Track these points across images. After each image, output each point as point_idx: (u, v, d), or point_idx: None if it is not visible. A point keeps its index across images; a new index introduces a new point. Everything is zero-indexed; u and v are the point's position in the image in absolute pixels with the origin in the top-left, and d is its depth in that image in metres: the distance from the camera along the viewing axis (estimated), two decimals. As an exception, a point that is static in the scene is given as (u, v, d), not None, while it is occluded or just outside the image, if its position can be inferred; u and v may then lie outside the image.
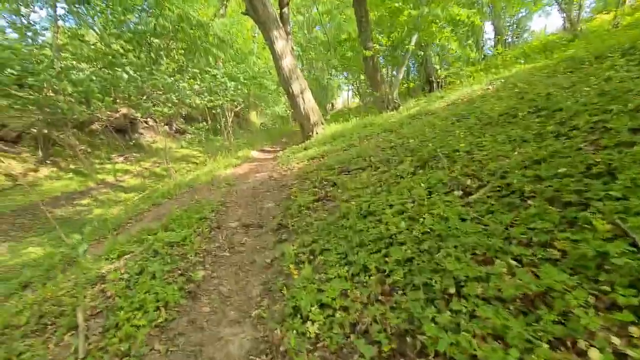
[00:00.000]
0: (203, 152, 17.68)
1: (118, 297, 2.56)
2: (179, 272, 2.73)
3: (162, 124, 19.27)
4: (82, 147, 15.35)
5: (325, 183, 4.00)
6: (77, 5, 15.27)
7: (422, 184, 2.85)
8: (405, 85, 13.34)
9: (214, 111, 13.14)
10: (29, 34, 14.47)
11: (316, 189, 3.88)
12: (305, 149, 7.19)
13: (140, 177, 14.31)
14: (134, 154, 16.40)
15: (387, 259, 2.13)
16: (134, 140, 17.15)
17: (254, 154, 8.90)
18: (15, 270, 7.33)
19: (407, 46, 8.72)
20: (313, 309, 1.93)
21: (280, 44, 8.05)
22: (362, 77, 24.98)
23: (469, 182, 2.58)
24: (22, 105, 12.84)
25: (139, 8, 16.74)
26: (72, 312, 2.50)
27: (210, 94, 13.45)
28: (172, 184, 6.45)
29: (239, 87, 12.41)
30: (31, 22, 14.63)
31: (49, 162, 13.66)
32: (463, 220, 2.12)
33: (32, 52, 12.23)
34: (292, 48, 8.39)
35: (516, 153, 2.69)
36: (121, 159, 15.78)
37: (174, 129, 19.74)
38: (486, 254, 1.82)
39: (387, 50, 10.00)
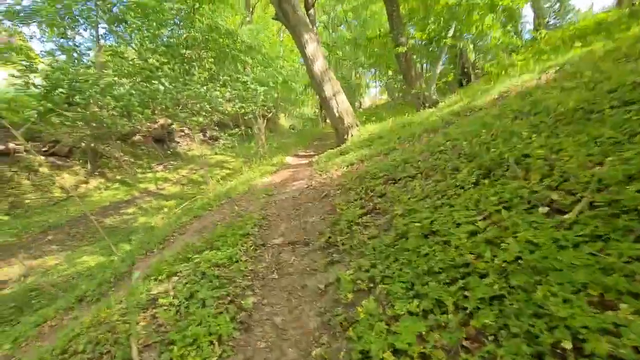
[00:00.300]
0: (236, 157, 18.01)
1: (169, 325, 2.47)
2: (229, 298, 2.58)
3: (197, 131, 19.89)
4: (126, 158, 16.18)
5: (371, 194, 3.71)
6: (116, 25, 16.10)
7: (492, 197, 2.49)
8: (443, 79, 12.63)
9: (245, 117, 13.24)
10: (75, 55, 15.45)
11: (362, 201, 3.61)
12: (341, 153, 6.94)
13: (178, 185, 14.77)
14: (172, 162, 17.02)
15: (466, 293, 1.82)
16: (172, 149, 17.83)
17: (289, 159, 8.81)
18: (71, 280, 7.77)
19: (444, 39, 8.15)
20: (385, 355, 1.67)
21: (311, 48, 7.88)
22: (391, 72, 24.26)
23: (555, 196, 2.18)
24: (72, 122, 13.77)
25: (171, 22, 17.37)
26: (126, 340, 2.44)
27: (242, 100, 13.59)
28: (211, 195, 6.50)
29: (269, 91, 12.40)
30: (76, 43, 15.60)
31: (97, 173, 14.50)
32: (561, 247, 1.76)
33: (79, 71, 12.94)
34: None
35: (611, 159, 2.25)
36: (160, 167, 16.43)
37: (207, 136, 20.28)
38: (605, 296, 1.46)
39: (422, 45, 9.44)
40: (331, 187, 4.66)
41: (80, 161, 14.61)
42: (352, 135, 8.23)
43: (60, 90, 11.52)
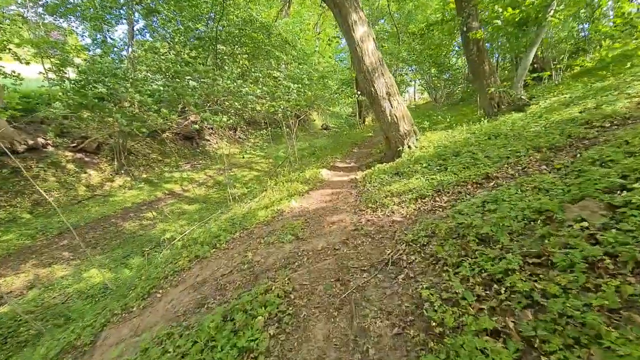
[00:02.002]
0: (265, 158, 16.56)
1: None
2: None
3: (227, 129, 18.71)
4: (154, 156, 15.27)
5: (488, 279, 1.79)
6: (150, 18, 15.12)
7: None
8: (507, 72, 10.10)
9: (274, 116, 11.62)
10: (114, 50, 14.69)
11: (477, 298, 1.70)
12: (398, 173, 5.06)
13: (204, 186, 13.51)
14: (200, 161, 15.89)
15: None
16: (201, 147, 16.74)
17: (324, 173, 6.88)
18: (68, 303, 6.54)
19: (543, 21, 5.75)
20: None
21: (360, 31, 5.96)
22: (434, 70, 21.58)
23: None
24: (101, 117, 12.96)
25: (206, 17, 16.18)
26: None
27: (273, 98, 12.03)
28: (223, 220, 4.89)
29: (302, 89, 10.65)
30: (112, 37, 14.82)
31: (123, 172, 13.63)
32: None
33: (110, 65, 12.05)
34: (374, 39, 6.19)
35: None
36: (188, 166, 15.37)
37: (237, 134, 19.05)
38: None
39: (506, 28, 7.00)
40: (397, 241, 2.79)
41: (108, 158, 13.81)
42: (409, 147, 6.20)
43: (92, 84, 10.70)
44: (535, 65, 12.08)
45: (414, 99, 30.99)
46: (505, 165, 3.55)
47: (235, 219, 4.72)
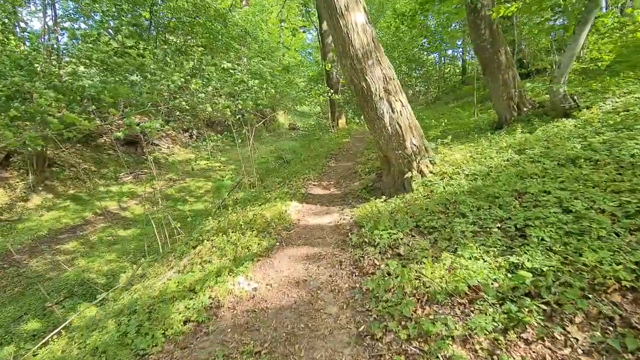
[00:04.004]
0: (225, 164, 14.23)
1: None
2: None
3: (180, 132, 16.08)
4: (86, 166, 12.37)
5: None
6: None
7: None
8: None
9: (227, 119, 9.44)
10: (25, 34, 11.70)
11: None
12: (417, 226, 3.12)
13: (149, 203, 10.95)
14: (146, 171, 13.18)
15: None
16: (147, 154, 14.00)
17: (294, 210, 4.81)
18: None
19: None
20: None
21: (343, -2, 3.97)
22: (404, 67, 20.28)
23: None
24: (10, 121, 9.97)
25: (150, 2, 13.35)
26: None
27: (228, 97, 9.85)
28: (107, 335, 2.77)
29: (262, 85, 8.58)
30: (25, 20, 11.68)
31: (42, 187, 10.70)
32: None
33: (29, 57, 9.27)
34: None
35: None
36: (130, 177, 12.64)
37: (194, 137, 16.46)
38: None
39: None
40: None
41: (21, 171, 10.76)
42: (421, 174, 4.13)
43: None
44: (524, 60, 10.92)
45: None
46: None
47: (130, 323, 2.58)
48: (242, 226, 3.77)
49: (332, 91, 11.33)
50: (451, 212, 3.10)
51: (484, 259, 2.37)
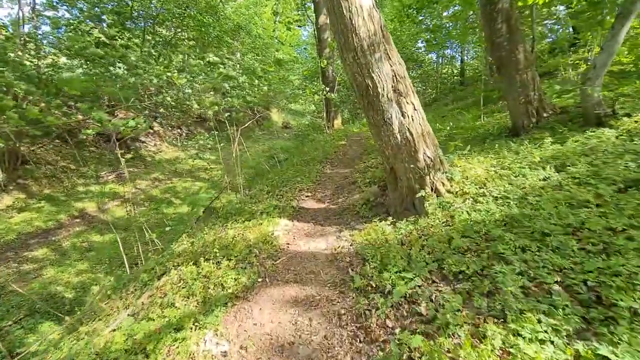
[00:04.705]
0: (214, 163, 13.39)
1: None
2: None
3: (169, 128, 15.17)
4: (64, 164, 11.43)
5: None
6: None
7: None
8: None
9: (222, 117, 8.68)
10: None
11: None
12: (436, 260, 2.42)
13: (130, 204, 10.09)
14: (129, 169, 12.28)
15: None
16: (132, 151, 13.09)
17: (283, 229, 4.06)
18: None
19: None
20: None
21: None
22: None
23: None
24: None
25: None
26: None
27: (215, 93, 9.07)
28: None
29: (253, 81, 7.80)
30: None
31: (13, 187, 9.77)
32: None
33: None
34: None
35: None
36: (113, 176, 11.76)
37: (184, 134, 15.57)
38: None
39: None
40: None
41: (-9, 169, 9.80)
42: (436, 192, 3.43)
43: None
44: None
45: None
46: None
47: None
48: (217, 253, 3.03)
49: (327, 89, 10.58)
50: (484, 251, 2.36)
51: (552, 343, 1.54)
